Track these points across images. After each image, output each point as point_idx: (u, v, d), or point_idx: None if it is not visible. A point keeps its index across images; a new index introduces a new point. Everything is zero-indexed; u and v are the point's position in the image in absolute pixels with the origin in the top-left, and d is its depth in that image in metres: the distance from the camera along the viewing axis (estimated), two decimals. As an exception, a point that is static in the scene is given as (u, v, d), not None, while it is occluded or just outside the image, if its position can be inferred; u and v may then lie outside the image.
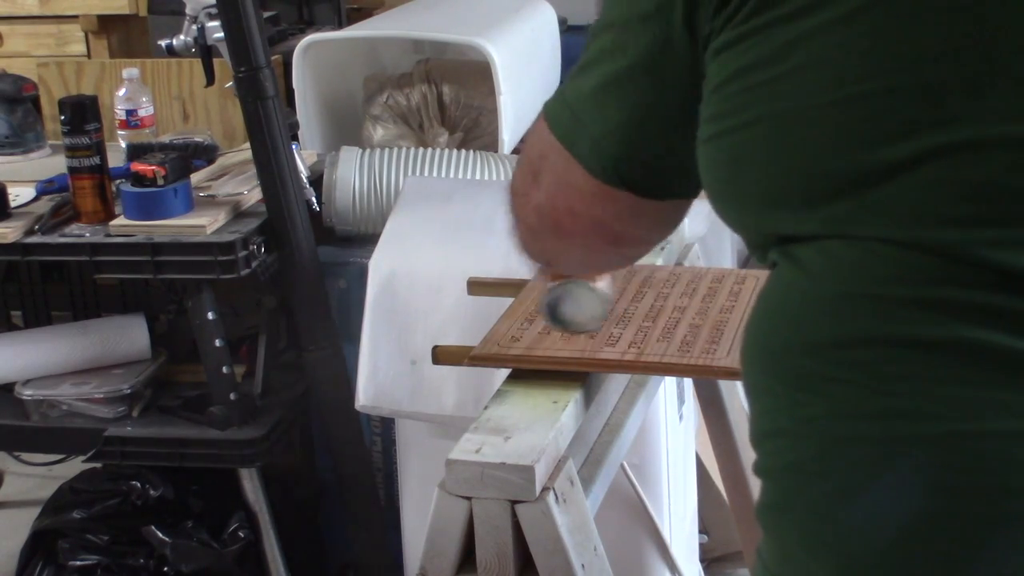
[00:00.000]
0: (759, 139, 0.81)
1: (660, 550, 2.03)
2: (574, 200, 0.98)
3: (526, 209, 1.05)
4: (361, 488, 2.34)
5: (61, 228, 2.16)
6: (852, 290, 0.78)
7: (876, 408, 0.77)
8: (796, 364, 0.81)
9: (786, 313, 0.83)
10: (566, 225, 1.01)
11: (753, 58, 0.80)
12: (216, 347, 2.18)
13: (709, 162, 0.86)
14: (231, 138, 2.68)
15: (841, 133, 0.78)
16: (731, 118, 0.83)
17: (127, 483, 2.37)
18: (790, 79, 0.79)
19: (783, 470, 0.83)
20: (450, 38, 2.63)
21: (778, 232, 0.83)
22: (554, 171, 0.98)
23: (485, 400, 1.39)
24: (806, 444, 0.81)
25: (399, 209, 2.14)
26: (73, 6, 3.34)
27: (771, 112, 0.80)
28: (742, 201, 0.85)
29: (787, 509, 0.83)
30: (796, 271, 0.82)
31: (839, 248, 0.79)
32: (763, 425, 0.85)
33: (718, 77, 0.83)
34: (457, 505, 1.24)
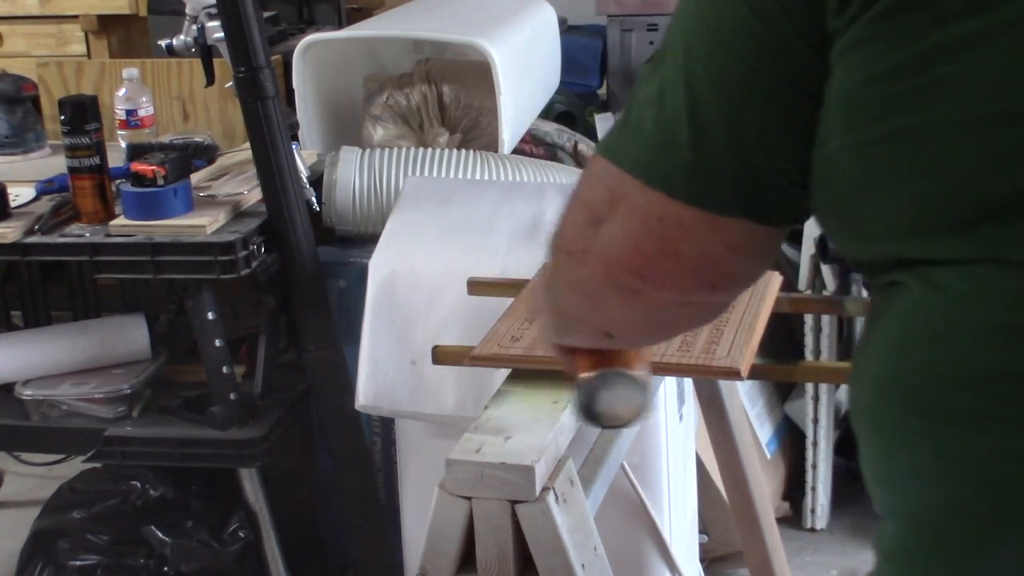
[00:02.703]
0: (898, 155, 0.74)
1: (660, 550, 2.03)
2: (673, 240, 0.84)
3: (584, 269, 0.90)
4: (361, 488, 2.34)
5: (61, 228, 2.16)
6: (1008, 320, 0.73)
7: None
8: (945, 399, 0.75)
9: (930, 343, 0.76)
10: (657, 273, 0.87)
11: (889, 64, 0.74)
12: (216, 347, 2.18)
13: (832, 175, 0.79)
14: (231, 138, 2.68)
15: (997, 151, 0.71)
16: (863, 130, 0.76)
17: (127, 483, 2.37)
18: (935, 90, 0.72)
19: (931, 511, 0.77)
20: (450, 38, 2.63)
21: (910, 256, 0.76)
22: (634, 212, 0.85)
23: (485, 400, 1.40)
24: (958, 486, 0.75)
25: (399, 209, 2.14)
26: (73, 6, 3.34)
27: (914, 125, 0.73)
28: (871, 220, 0.78)
29: (935, 553, 0.78)
30: (936, 297, 0.75)
31: (992, 274, 0.72)
32: (899, 462, 0.79)
33: (846, 82, 0.76)
34: (457, 505, 1.24)
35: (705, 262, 0.86)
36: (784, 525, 2.56)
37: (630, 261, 0.86)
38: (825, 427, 2.74)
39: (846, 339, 2.83)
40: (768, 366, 1.48)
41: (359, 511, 2.35)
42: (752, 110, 0.81)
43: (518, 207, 2.10)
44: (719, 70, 0.81)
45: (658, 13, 3.58)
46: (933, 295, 0.75)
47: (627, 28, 3.63)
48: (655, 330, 1.01)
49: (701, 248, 0.85)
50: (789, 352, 2.66)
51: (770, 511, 2.07)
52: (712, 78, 0.81)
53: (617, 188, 0.85)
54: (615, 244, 0.86)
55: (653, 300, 0.90)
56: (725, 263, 0.86)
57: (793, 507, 2.83)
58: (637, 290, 0.88)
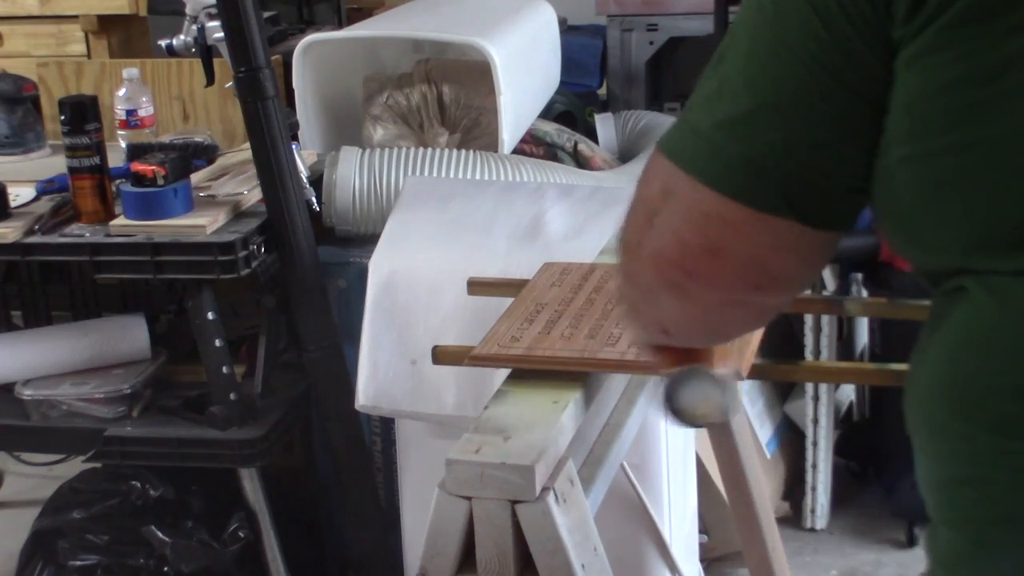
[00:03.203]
0: (967, 166, 0.73)
1: (660, 550, 2.03)
2: (719, 235, 0.84)
3: (638, 263, 0.90)
4: (361, 488, 2.34)
5: (61, 228, 2.16)
6: None
7: None
8: (1006, 408, 0.75)
9: (990, 352, 0.75)
10: (702, 270, 0.86)
11: (959, 73, 0.73)
12: (216, 347, 2.18)
13: (896, 185, 0.78)
14: (231, 138, 2.68)
15: None
16: (931, 140, 0.74)
17: (127, 483, 2.37)
18: (1008, 100, 0.71)
19: (985, 522, 0.77)
20: (450, 38, 2.63)
21: (976, 266, 0.76)
22: (686, 207, 0.85)
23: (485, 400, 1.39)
24: (1019, 496, 0.75)
25: (399, 209, 2.14)
26: (73, 6, 3.34)
27: (984, 137, 0.72)
28: (941, 231, 0.77)
29: (989, 564, 0.77)
30: (1001, 304, 0.74)
31: None
32: (953, 471, 0.78)
33: (913, 90, 0.75)
34: (457, 505, 1.24)
35: (750, 261, 0.85)
36: (784, 525, 2.56)
37: (676, 256, 0.86)
38: (825, 427, 2.74)
39: (846, 339, 2.83)
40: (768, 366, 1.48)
41: (359, 511, 2.35)
42: (811, 115, 0.80)
43: (518, 207, 2.10)
44: (779, 72, 0.80)
45: (658, 13, 3.59)
46: (995, 303, 0.75)
47: (627, 28, 3.63)
48: (708, 329, 1.00)
49: (746, 247, 0.84)
50: (789, 352, 2.66)
51: (770, 511, 2.07)
52: (772, 80, 0.81)
53: (670, 183, 0.85)
54: (663, 238, 0.86)
55: (700, 298, 0.89)
56: (770, 264, 0.85)
57: (793, 507, 2.83)
58: (684, 287, 0.88)
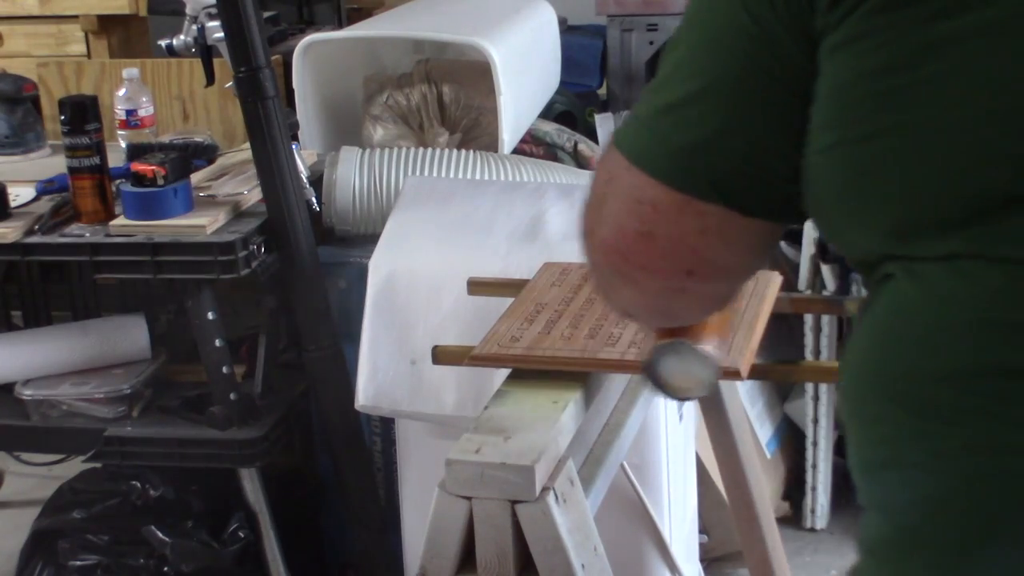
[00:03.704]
0: (889, 152, 0.74)
1: (660, 550, 2.03)
2: (650, 218, 0.86)
3: (593, 249, 0.92)
4: (361, 488, 2.34)
5: (61, 228, 2.16)
6: (992, 316, 0.72)
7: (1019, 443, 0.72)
8: (927, 392, 0.75)
9: (913, 336, 0.76)
10: (637, 254, 0.88)
11: (880, 61, 0.73)
12: (216, 347, 2.18)
13: (824, 174, 0.79)
14: (231, 138, 2.68)
15: (988, 148, 0.71)
16: (854, 127, 0.76)
17: (127, 483, 2.37)
18: (926, 87, 0.72)
19: (910, 505, 0.77)
20: (450, 38, 2.63)
21: (901, 252, 0.76)
22: (623, 191, 0.87)
23: (485, 400, 1.39)
24: (939, 479, 0.75)
25: (399, 209, 2.14)
26: (73, 6, 3.34)
27: (905, 123, 0.73)
28: (864, 218, 0.78)
29: (915, 546, 0.78)
30: (924, 291, 0.75)
31: (980, 269, 0.72)
32: (878, 455, 0.79)
33: (836, 78, 0.76)
34: (457, 505, 1.24)
35: (678, 245, 0.87)
36: (784, 525, 2.56)
37: (615, 242, 0.89)
38: (825, 427, 2.74)
39: (846, 339, 2.83)
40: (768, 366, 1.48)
41: (359, 511, 2.35)
42: (739, 105, 0.82)
43: (518, 207, 2.10)
44: (710, 63, 0.82)
45: (658, 13, 3.58)
46: (919, 289, 0.75)
47: (627, 28, 3.63)
48: (661, 314, 1.03)
49: (674, 231, 0.86)
50: (789, 352, 2.66)
51: (770, 511, 2.07)
52: (704, 70, 0.83)
53: (614, 170, 0.88)
54: (607, 225, 0.89)
55: (642, 284, 0.91)
56: (699, 248, 0.87)
57: (793, 507, 2.83)
58: (628, 273, 0.90)
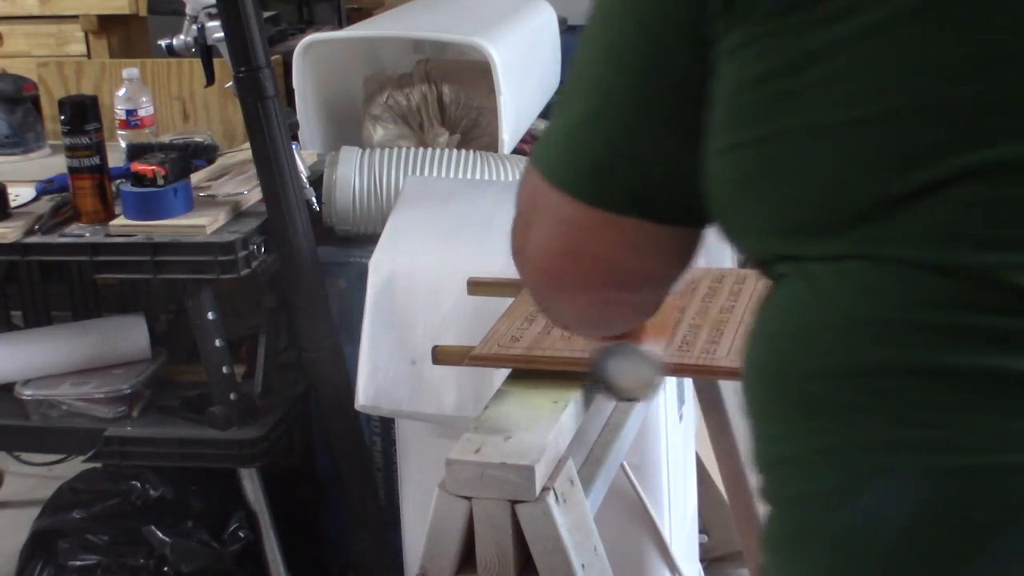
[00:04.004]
0: (777, 156, 0.76)
1: (660, 550, 2.03)
2: (574, 239, 0.88)
3: (525, 269, 0.94)
4: (361, 488, 2.34)
5: (61, 228, 2.16)
6: (875, 315, 0.74)
7: (899, 439, 0.73)
8: (811, 390, 0.77)
9: (800, 335, 0.78)
10: (566, 274, 0.91)
11: (771, 64, 0.75)
12: (216, 347, 2.18)
13: (720, 176, 0.81)
14: (231, 138, 2.68)
15: (870, 151, 0.73)
16: (746, 130, 0.77)
17: (127, 483, 2.37)
18: (813, 91, 0.74)
19: (797, 500, 0.79)
20: (450, 38, 2.63)
21: (792, 252, 0.78)
22: (545, 214, 0.89)
23: (485, 400, 1.39)
24: (823, 474, 0.76)
25: (399, 209, 2.14)
26: (73, 6, 3.34)
27: (790, 127, 0.75)
28: (754, 220, 0.80)
29: (803, 540, 0.79)
30: (811, 289, 0.77)
31: (861, 269, 0.74)
32: (772, 451, 0.81)
33: (730, 82, 0.78)
34: (457, 505, 1.24)
35: (606, 263, 0.89)
36: (784, 525, 2.55)
37: (546, 263, 0.91)
38: (825, 427, 2.73)
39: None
40: (768, 366, 1.48)
41: (359, 511, 2.35)
42: (640, 116, 0.84)
43: (518, 207, 2.10)
44: (611, 76, 0.84)
45: (658, 13, 3.58)
46: (808, 289, 0.77)
47: (627, 28, 3.62)
48: (597, 324, 1.07)
49: (600, 249, 0.88)
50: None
51: (770, 511, 2.07)
52: (605, 84, 0.84)
53: (536, 191, 0.89)
54: (535, 246, 0.91)
55: (574, 299, 0.94)
56: (626, 263, 0.89)
57: (793, 507, 2.82)
58: (559, 290, 0.93)
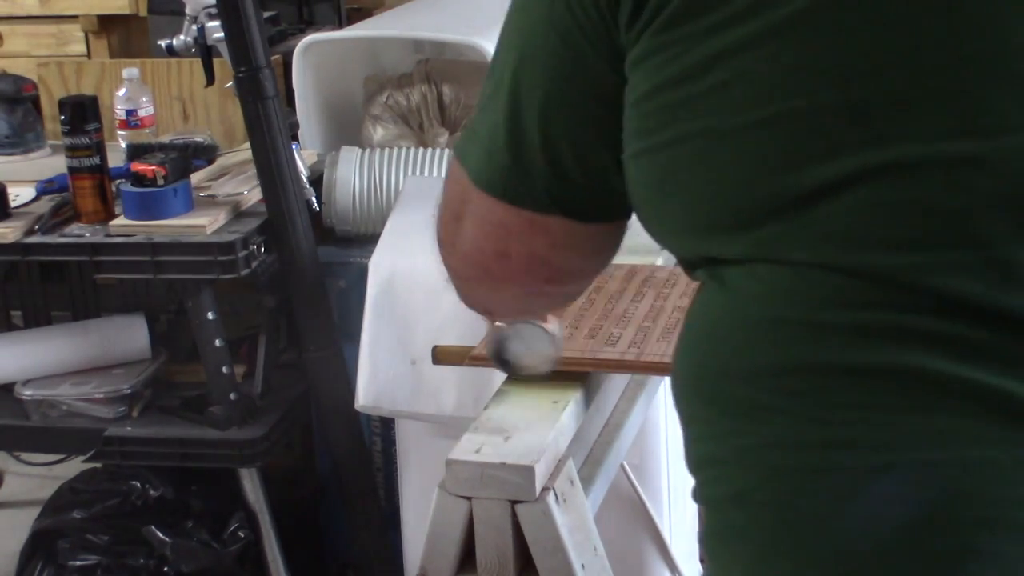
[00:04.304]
0: (682, 160, 0.78)
1: (660, 550, 2.03)
2: (502, 240, 0.91)
3: (454, 259, 0.98)
4: (361, 488, 2.34)
5: (61, 228, 2.16)
6: (785, 315, 0.76)
7: (815, 438, 0.75)
8: (731, 391, 0.78)
9: (718, 337, 0.80)
10: (497, 270, 0.94)
11: (672, 73, 0.77)
12: (216, 347, 2.18)
13: (635, 180, 0.83)
14: (231, 138, 2.68)
15: (766, 153, 0.74)
16: (653, 136, 0.79)
17: (127, 483, 2.37)
18: (711, 96, 0.75)
19: (724, 500, 0.80)
20: (450, 38, 2.63)
21: (705, 254, 0.80)
22: (476, 214, 0.92)
23: (485, 400, 1.39)
24: (746, 474, 0.78)
25: (399, 209, 2.13)
26: (73, 6, 3.34)
27: (693, 131, 0.76)
28: (668, 221, 0.82)
29: (730, 538, 0.81)
30: (726, 294, 0.79)
31: (769, 272, 0.76)
32: (699, 452, 0.82)
33: (638, 90, 0.79)
34: (457, 505, 1.24)
35: (532, 260, 0.92)
36: (784, 525, 2.55)
37: (476, 259, 0.94)
38: (825, 427, 2.73)
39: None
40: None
41: (359, 511, 2.35)
42: (558, 119, 0.85)
43: (518, 207, 2.10)
44: (528, 80, 0.86)
45: (658, 13, 3.58)
46: (721, 292, 0.79)
47: (627, 28, 3.63)
48: (525, 311, 1.14)
49: (527, 248, 0.91)
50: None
51: (770, 511, 2.07)
52: (523, 87, 0.87)
53: (464, 190, 0.91)
54: (466, 242, 0.94)
55: (503, 291, 0.98)
56: (551, 260, 0.92)
57: (793, 507, 2.82)
58: (488, 282, 0.97)
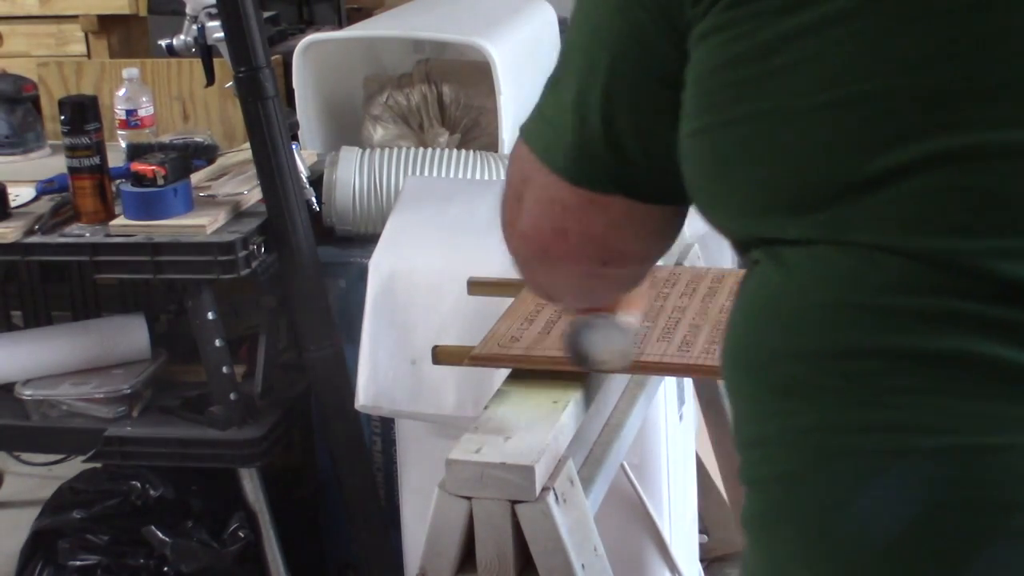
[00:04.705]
0: (745, 139, 0.78)
1: (660, 550, 2.03)
2: (561, 218, 0.92)
3: (515, 239, 0.98)
4: (361, 488, 2.34)
5: (61, 228, 2.16)
6: (848, 299, 0.76)
7: (871, 420, 0.75)
8: (785, 371, 0.78)
9: (775, 318, 0.80)
10: (554, 248, 0.94)
11: (739, 51, 0.77)
12: (216, 347, 2.18)
13: (692, 159, 0.83)
14: (231, 138, 2.68)
15: (834, 136, 0.75)
16: (715, 114, 0.79)
17: (127, 483, 2.37)
18: (780, 76, 0.75)
19: (771, 480, 0.80)
20: (450, 38, 2.63)
21: (764, 235, 0.80)
22: (536, 190, 0.93)
23: (485, 400, 1.40)
24: (796, 454, 0.78)
25: (399, 209, 2.14)
26: (73, 6, 3.34)
27: (758, 111, 0.77)
28: (726, 202, 0.82)
29: (776, 520, 0.81)
30: (785, 275, 0.79)
31: (832, 254, 0.76)
32: (748, 432, 0.83)
33: (701, 67, 0.80)
34: (457, 505, 1.24)
35: (590, 240, 0.93)
36: (784, 525, 2.55)
37: (535, 238, 0.95)
38: (825, 427, 2.73)
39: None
40: (768, 366, 1.48)
41: (359, 511, 2.35)
42: (620, 99, 0.87)
43: (518, 207, 2.10)
44: (592, 62, 0.87)
45: (658, 13, 3.57)
46: (780, 272, 0.79)
47: (627, 28, 3.62)
48: (580, 295, 1.12)
49: (584, 227, 0.92)
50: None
51: (770, 511, 2.07)
52: (589, 67, 0.87)
53: (527, 169, 0.93)
54: (526, 220, 0.95)
55: (561, 271, 0.98)
56: (609, 240, 0.93)
57: (793, 507, 2.82)
58: (546, 262, 0.97)
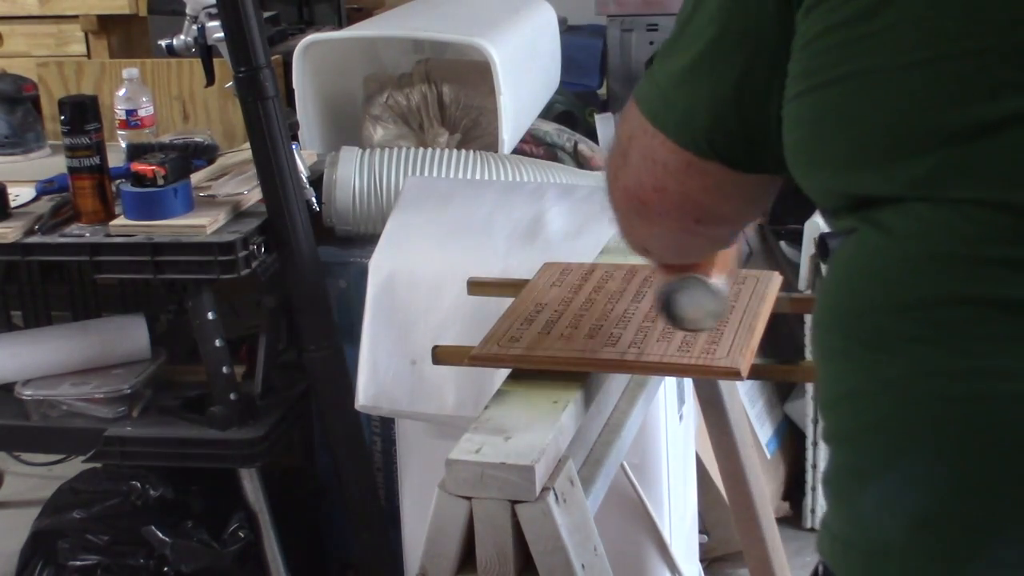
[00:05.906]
0: (846, 96, 0.82)
1: (660, 550, 2.03)
2: (662, 176, 0.98)
3: (616, 192, 1.05)
4: (361, 488, 2.34)
5: (61, 228, 2.16)
6: (939, 250, 0.79)
7: (961, 367, 0.78)
8: (877, 324, 0.82)
9: (870, 275, 0.83)
10: (653, 204, 1.01)
11: (845, 15, 0.81)
12: (216, 347, 2.18)
13: (794, 120, 0.87)
14: (231, 138, 2.68)
15: (929, 92, 0.78)
16: (819, 75, 0.83)
17: (127, 483, 2.37)
18: (881, 36, 0.79)
19: (861, 431, 0.83)
20: (450, 38, 2.63)
21: (860, 193, 0.83)
22: (641, 149, 0.99)
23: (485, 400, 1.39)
24: (885, 403, 0.81)
25: (399, 209, 2.14)
26: (73, 6, 3.34)
27: (860, 69, 0.80)
28: (825, 160, 0.85)
29: (865, 470, 0.83)
30: (879, 235, 0.82)
31: (924, 210, 0.79)
32: (836, 388, 0.85)
33: (808, 33, 0.84)
34: (457, 505, 1.24)
35: (686, 199, 0.99)
36: (784, 525, 2.56)
37: (636, 193, 1.01)
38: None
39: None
40: (768, 366, 1.48)
41: (359, 511, 2.35)
42: (727, 71, 0.92)
43: (518, 207, 2.10)
44: (701, 32, 0.93)
45: (658, 13, 3.58)
46: (878, 234, 0.82)
47: (627, 28, 3.63)
48: (674, 250, 1.17)
49: (682, 187, 0.98)
50: (789, 352, 2.66)
51: (770, 511, 2.07)
52: (700, 39, 0.93)
53: (635, 127, 0.99)
54: (629, 176, 1.01)
55: (658, 224, 1.04)
56: (703, 202, 0.99)
57: (793, 507, 2.83)
58: (644, 215, 1.03)
